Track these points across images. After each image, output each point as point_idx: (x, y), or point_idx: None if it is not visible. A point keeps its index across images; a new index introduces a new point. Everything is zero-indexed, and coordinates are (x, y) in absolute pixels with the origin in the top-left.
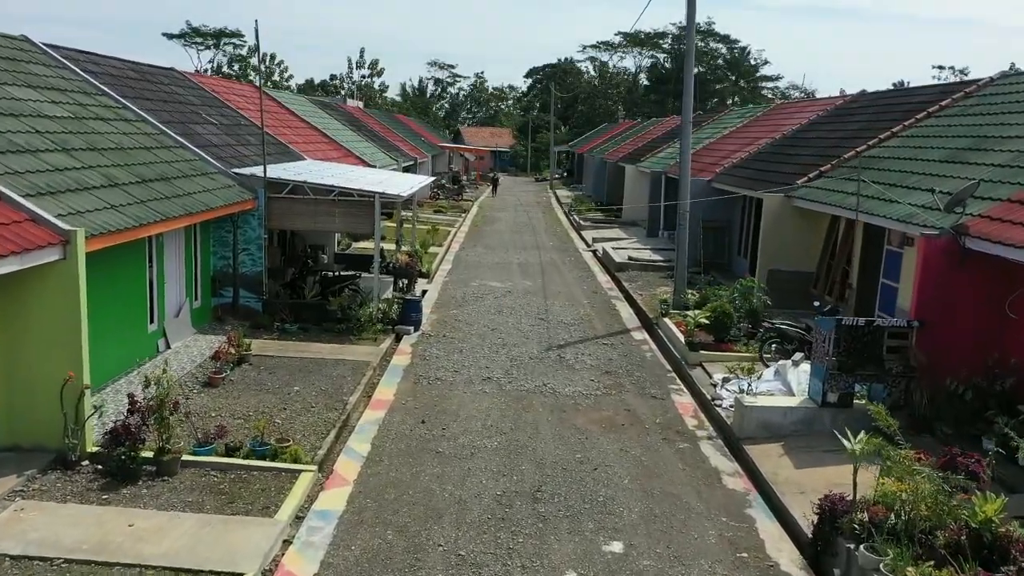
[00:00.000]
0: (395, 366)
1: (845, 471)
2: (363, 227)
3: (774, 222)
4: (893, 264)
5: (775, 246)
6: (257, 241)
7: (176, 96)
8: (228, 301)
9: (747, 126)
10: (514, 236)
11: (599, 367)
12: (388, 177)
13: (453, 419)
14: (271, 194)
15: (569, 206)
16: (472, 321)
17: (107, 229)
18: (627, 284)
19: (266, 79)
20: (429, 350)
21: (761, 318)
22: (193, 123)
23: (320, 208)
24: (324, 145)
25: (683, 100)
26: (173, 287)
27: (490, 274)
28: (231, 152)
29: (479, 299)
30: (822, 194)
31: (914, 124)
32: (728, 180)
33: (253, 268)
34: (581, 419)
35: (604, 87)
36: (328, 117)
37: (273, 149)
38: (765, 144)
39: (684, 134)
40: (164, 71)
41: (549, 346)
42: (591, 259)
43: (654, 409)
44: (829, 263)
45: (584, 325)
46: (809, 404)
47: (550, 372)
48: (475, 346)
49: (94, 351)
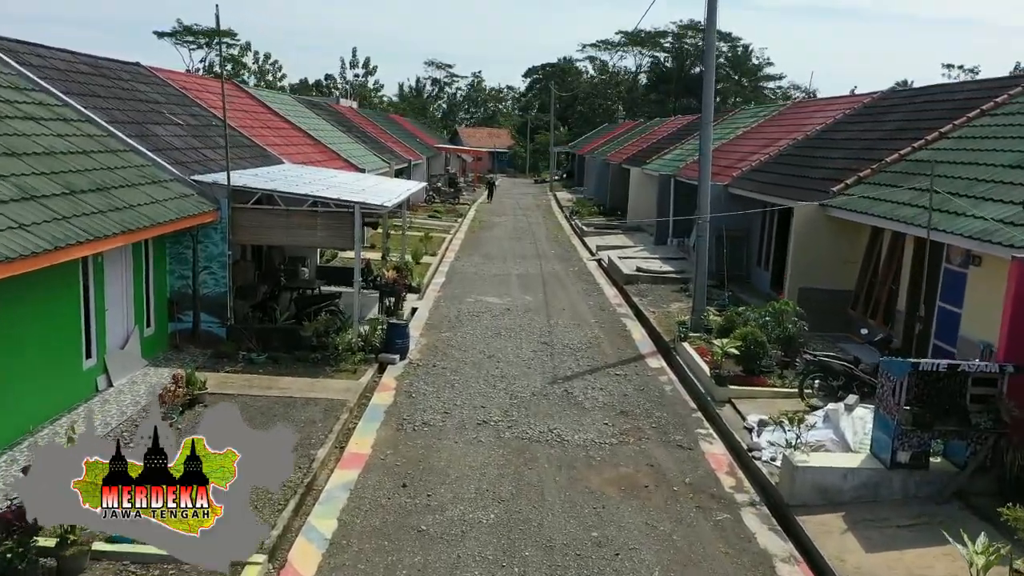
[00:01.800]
0: (376, 406)
1: (931, 557)
2: (341, 241)
3: (806, 234)
4: (954, 286)
5: (807, 261)
6: (220, 258)
7: (137, 93)
8: (188, 327)
9: (762, 126)
10: (513, 243)
11: (613, 405)
12: (374, 183)
13: (441, 480)
14: (236, 204)
15: (570, 210)
16: (466, 346)
17: (4, 257)
18: (637, 299)
19: (259, 79)
20: (416, 384)
21: (797, 346)
22: (152, 123)
23: (292, 220)
24: (308, 148)
25: (703, 97)
26: (118, 314)
27: (487, 288)
28: (196, 156)
29: (475, 318)
30: (865, 203)
31: (966, 123)
32: (748, 185)
33: (216, 289)
34: (595, 478)
35: (604, 87)
36: (316, 117)
37: (247, 152)
38: (787, 146)
39: (704, 136)
40: (127, 66)
41: (554, 378)
42: (596, 269)
43: (681, 463)
44: (871, 281)
45: (593, 350)
46: (874, 464)
47: (556, 413)
48: (469, 378)
49: (4, 398)
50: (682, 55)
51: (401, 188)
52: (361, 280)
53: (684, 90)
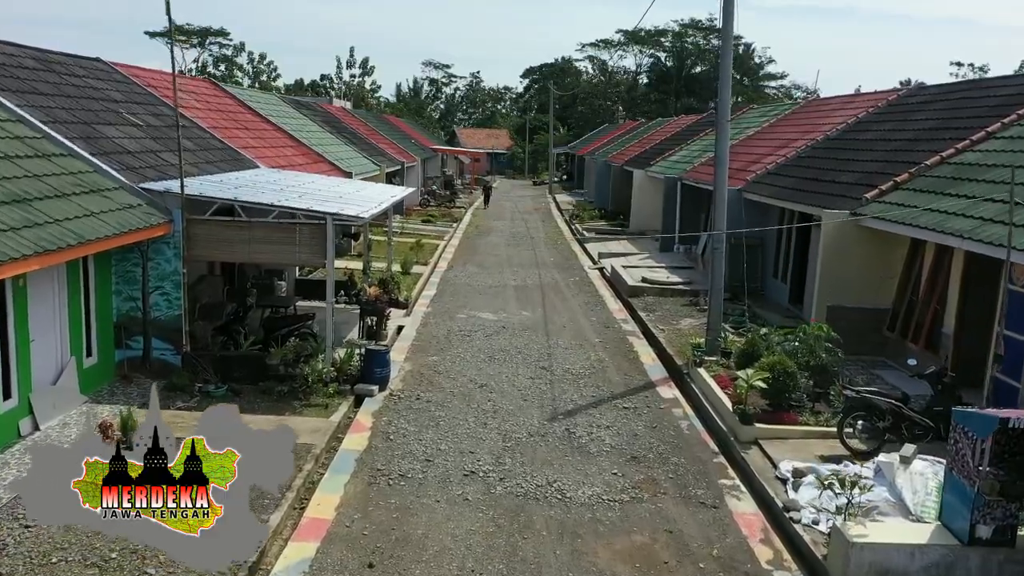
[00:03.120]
0: (346, 452)
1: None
2: (311, 256)
3: (837, 246)
4: (1020, 310)
5: (837, 276)
6: (174, 277)
7: (91, 91)
8: (138, 354)
9: (773, 126)
10: (510, 251)
11: (622, 449)
12: (355, 190)
13: (417, 557)
14: (192, 215)
15: (570, 214)
16: (456, 373)
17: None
18: (644, 314)
19: (253, 79)
20: (396, 422)
21: (831, 376)
22: (104, 124)
23: (256, 233)
24: (290, 150)
25: (719, 93)
26: (47, 344)
27: (481, 301)
28: (152, 161)
29: (466, 338)
30: (908, 212)
31: (1016, 121)
32: (764, 190)
33: (169, 311)
34: (604, 552)
35: (604, 87)
36: (302, 118)
37: (217, 156)
38: (804, 147)
39: (720, 136)
40: (86, 61)
41: (554, 413)
42: (598, 279)
43: (706, 527)
44: (911, 300)
45: (597, 376)
46: (946, 539)
47: (556, 460)
48: (457, 414)
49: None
50: (683, 54)
51: (384, 195)
52: (343, 295)
53: (685, 90)
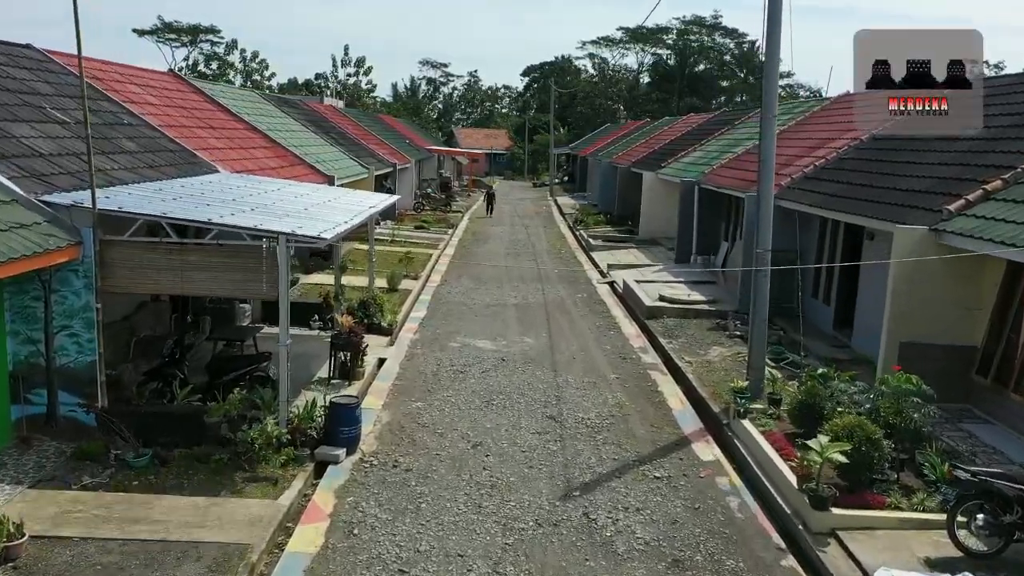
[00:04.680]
0: (292, 558)
1: None
2: (257, 286)
3: (911, 270)
4: None
5: (911, 306)
6: (85, 314)
7: (9, 83)
8: (42, 410)
9: (802, 125)
10: (510, 261)
11: (659, 546)
12: (326, 200)
13: None
14: (108, 236)
15: (574, 218)
16: (444, 426)
17: None
18: (665, 341)
19: (246, 78)
20: (363, 505)
21: (923, 441)
22: (15, 121)
23: (189, 259)
24: (262, 152)
25: (764, 83)
26: None
27: (478, 326)
28: (73, 166)
29: (459, 376)
30: (1009, 229)
31: None
32: (805, 198)
33: (81, 357)
34: None
35: (605, 85)
36: (284, 117)
37: (166, 159)
38: (846, 148)
39: (766, 132)
40: (13, 48)
41: (567, 487)
42: (608, 295)
43: None
44: (1009, 337)
45: (617, 429)
46: None
47: (573, 565)
48: (444, 490)
49: None
50: (686, 52)
51: (362, 206)
52: (317, 319)
53: (688, 89)
